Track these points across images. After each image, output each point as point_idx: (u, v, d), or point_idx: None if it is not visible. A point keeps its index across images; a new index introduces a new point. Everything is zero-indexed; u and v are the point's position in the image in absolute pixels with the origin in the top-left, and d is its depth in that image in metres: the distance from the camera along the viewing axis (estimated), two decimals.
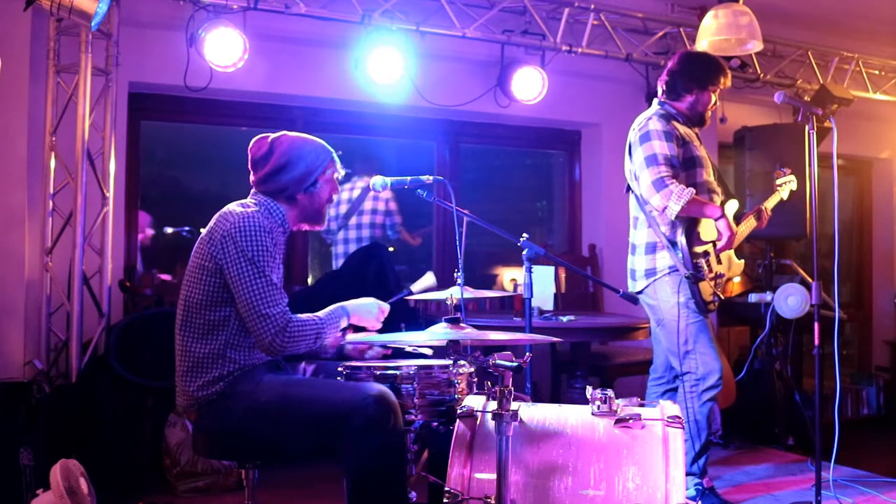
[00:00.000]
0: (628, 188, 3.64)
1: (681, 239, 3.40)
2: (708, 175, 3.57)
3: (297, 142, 2.56)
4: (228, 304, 2.39)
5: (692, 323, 3.43)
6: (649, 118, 3.49)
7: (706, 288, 3.42)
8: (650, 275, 3.50)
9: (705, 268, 3.44)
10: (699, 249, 3.44)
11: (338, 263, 5.44)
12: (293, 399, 2.36)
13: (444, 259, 5.36)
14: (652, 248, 3.51)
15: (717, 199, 3.58)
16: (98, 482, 3.03)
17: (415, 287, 2.91)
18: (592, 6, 4.78)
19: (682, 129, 3.52)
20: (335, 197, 2.67)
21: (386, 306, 2.64)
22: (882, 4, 5.38)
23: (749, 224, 3.65)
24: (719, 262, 3.53)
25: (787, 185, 3.85)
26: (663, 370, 3.72)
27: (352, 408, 2.24)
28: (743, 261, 3.74)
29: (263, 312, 2.30)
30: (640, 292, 3.57)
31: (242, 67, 4.16)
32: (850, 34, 5.80)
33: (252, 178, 2.58)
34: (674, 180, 3.32)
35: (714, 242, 3.49)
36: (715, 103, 3.63)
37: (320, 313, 2.46)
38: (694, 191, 3.34)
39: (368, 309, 2.58)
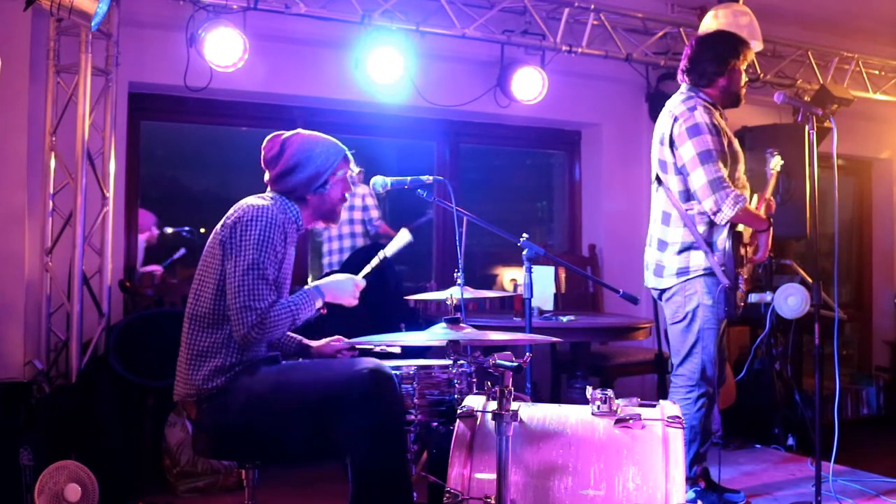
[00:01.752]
0: (657, 179, 3.46)
1: (725, 244, 3.27)
2: (742, 171, 3.45)
3: (307, 142, 2.55)
4: None
5: (708, 329, 3.35)
6: (693, 108, 3.29)
7: (739, 295, 3.34)
8: (682, 273, 3.37)
9: (743, 275, 3.34)
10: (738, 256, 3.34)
11: (327, 260, 5.48)
12: (288, 383, 2.37)
13: (444, 259, 5.37)
14: (687, 248, 3.36)
15: (747, 193, 3.46)
16: (98, 482, 3.04)
17: (388, 250, 2.84)
18: (592, 6, 4.78)
19: (721, 122, 3.38)
20: (348, 196, 2.66)
21: (361, 280, 2.62)
22: (882, 4, 5.39)
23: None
24: (744, 265, 3.45)
25: (776, 167, 3.69)
26: None
27: (348, 383, 2.24)
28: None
29: (247, 304, 2.31)
30: (664, 289, 3.45)
31: (242, 67, 4.16)
32: (850, 34, 5.80)
33: (266, 177, 2.59)
34: (730, 181, 3.21)
35: (747, 249, 3.41)
36: (746, 81, 3.48)
37: (293, 297, 2.45)
38: (747, 198, 3.23)
39: (343, 287, 2.56)
